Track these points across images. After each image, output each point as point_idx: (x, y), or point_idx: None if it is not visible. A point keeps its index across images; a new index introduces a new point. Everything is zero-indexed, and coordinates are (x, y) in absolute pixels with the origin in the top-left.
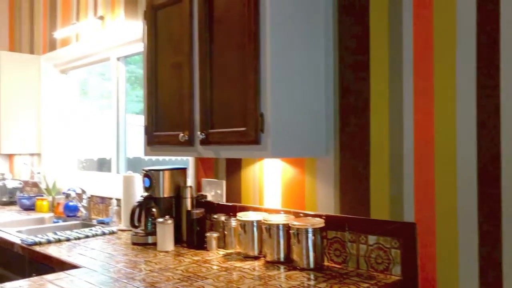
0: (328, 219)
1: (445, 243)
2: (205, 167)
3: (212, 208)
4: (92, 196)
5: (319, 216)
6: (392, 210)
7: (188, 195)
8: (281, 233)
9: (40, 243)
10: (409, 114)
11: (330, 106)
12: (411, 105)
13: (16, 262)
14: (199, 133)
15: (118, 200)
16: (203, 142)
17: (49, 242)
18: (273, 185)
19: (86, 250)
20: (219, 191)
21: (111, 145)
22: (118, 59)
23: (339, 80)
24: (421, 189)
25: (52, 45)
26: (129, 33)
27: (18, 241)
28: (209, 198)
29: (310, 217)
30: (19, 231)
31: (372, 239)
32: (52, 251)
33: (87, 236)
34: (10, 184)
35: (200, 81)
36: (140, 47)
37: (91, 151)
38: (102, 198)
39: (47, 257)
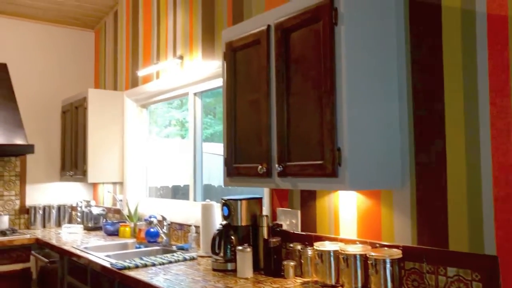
0: (405, 250)
1: None
2: (279, 196)
3: (288, 237)
4: (171, 222)
5: (396, 247)
6: (471, 242)
7: (265, 223)
8: (358, 263)
9: (129, 268)
10: (486, 144)
11: (405, 138)
12: (488, 134)
13: (106, 284)
14: (277, 165)
15: (196, 227)
16: (281, 174)
17: (136, 266)
18: (349, 216)
19: (171, 275)
20: (294, 221)
21: (189, 173)
22: (195, 94)
23: (413, 112)
24: (502, 220)
25: (134, 82)
26: (206, 70)
27: (108, 265)
28: (284, 227)
29: (386, 248)
30: (107, 256)
31: (451, 271)
32: (140, 275)
33: (170, 262)
34: (95, 210)
35: (277, 117)
36: (216, 83)
37: (165, 178)
38: (181, 224)
39: (136, 281)
